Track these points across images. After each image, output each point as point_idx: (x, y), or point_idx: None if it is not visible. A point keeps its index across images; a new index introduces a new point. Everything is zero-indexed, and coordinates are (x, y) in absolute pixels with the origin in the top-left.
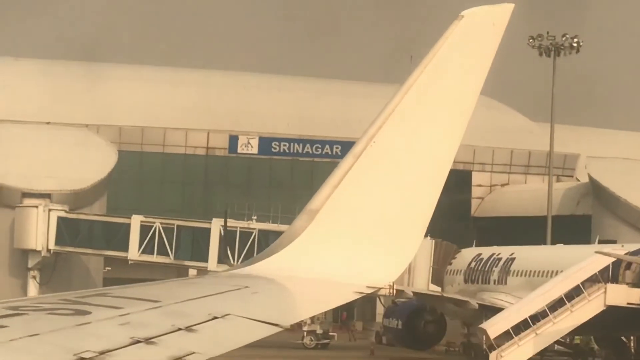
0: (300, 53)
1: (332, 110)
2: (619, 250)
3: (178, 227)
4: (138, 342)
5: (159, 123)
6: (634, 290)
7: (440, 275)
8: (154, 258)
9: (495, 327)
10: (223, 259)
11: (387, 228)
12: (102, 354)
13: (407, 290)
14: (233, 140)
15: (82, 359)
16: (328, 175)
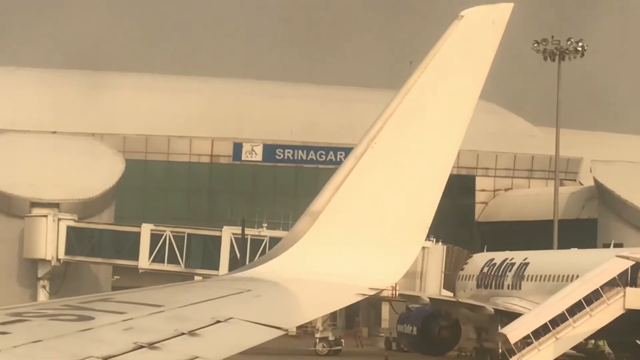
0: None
1: (335, 117)
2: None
3: (188, 235)
4: (141, 347)
5: (163, 131)
6: None
7: (452, 281)
8: (165, 267)
9: (516, 332)
10: (241, 267)
11: (389, 229)
12: None
13: (423, 296)
14: (237, 148)
15: None
16: None
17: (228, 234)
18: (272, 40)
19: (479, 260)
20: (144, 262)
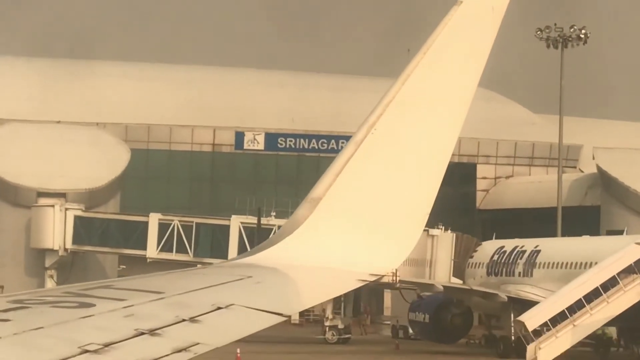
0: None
1: (337, 105)
2: None
3: (197, 224)
4: (142, 333)
5: (165, 120)
6: None
7: (462, 269)
8: (173, 256)
9: (533, 319)
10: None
11: (389, 215)
12: (106, 346)
13: (436, 284)
14: (239, 137)
15: (86, 352)
16: None
17: (236, 223)
18: (273, 29)
19: (489, 248)
20: (152, 251)
